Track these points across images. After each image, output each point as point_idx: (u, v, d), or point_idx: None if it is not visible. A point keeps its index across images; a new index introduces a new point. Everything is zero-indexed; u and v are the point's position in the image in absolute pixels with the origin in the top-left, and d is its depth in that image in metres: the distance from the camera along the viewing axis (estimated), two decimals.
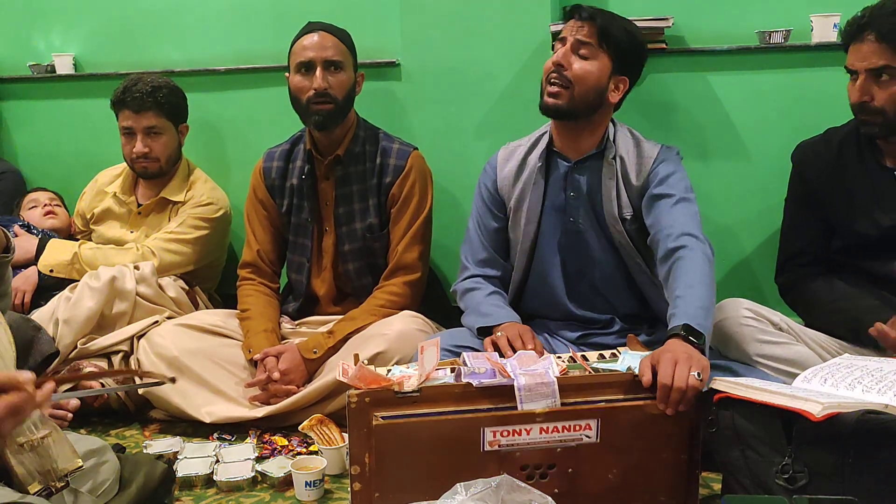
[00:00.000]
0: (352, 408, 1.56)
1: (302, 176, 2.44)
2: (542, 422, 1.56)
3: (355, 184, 2.43)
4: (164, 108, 2.65)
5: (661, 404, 1.56)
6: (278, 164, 2.50)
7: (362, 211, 2.43)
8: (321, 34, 2.36)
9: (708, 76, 2.48)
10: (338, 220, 2.44)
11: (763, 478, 1.49)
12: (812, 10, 2.35)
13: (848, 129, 2.08)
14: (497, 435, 1.56)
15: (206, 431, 2.27)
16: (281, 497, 1.92)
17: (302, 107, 2.36)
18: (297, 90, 2.36)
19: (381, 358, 2.16)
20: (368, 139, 2.45)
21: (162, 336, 2.35)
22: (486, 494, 1.31)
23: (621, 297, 2.14)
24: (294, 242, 2.51)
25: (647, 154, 2.05)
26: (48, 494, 1.50)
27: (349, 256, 2.45)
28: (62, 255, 2.59)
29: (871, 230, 1.99)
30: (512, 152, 2.18)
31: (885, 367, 1.62)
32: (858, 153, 2.04)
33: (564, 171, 2.09)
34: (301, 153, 2.47)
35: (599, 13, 2.02)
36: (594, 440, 1.59)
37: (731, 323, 1.95)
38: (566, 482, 1.59)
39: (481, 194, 2.21)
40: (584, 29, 2.00)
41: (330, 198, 2.45)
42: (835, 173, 2.06)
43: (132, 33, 3.04)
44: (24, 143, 3.24)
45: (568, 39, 2.02)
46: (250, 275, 2.54)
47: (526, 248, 2.14)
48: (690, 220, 1.93)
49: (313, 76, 2.32)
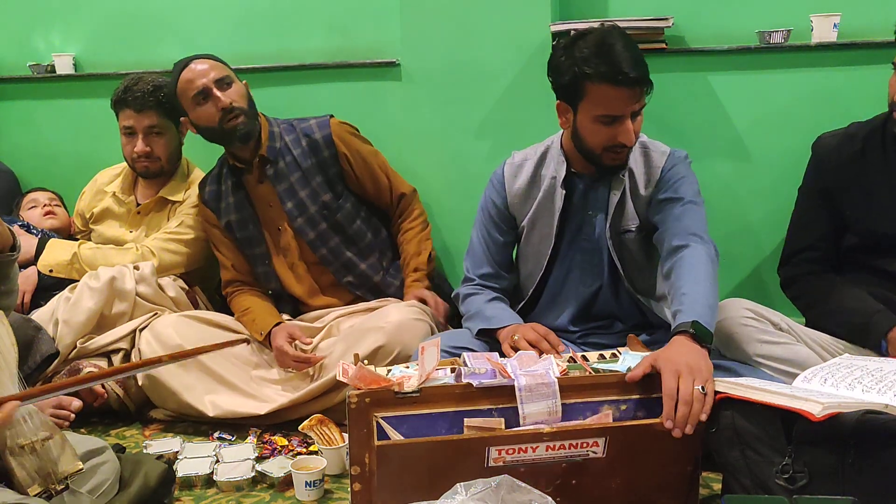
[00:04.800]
0: (352, 408, 1.55)
1: (234, 192, 2.48)
2: (549, 440, 1.54)
3: (292, 174, 2.44)
4: (166, 108, 2.65)
5: (669, 422, 1.52)
6: (210, 188, 2.54)
7: (311, 195, 2.45)
8: (198, 62, 2.40)
9: (708, 76, 2.47)
10: (290, 214, 2.45)
11: (763, 478, 1.49)
12: (812, 10, 2.35)
13: (874, 124, 2.04)
14: (502, 453, 1.55)
15: (206, 431, 2.28)
16: (281, 497, 1.92)
17: (218, 132, 2.39)
18: (207, 119, 2.38)
19: (382, 352, 2.16)
20: (285, 131, 2.48)
21: (165, 325, 2.37)
22: (486, 494, 1.31)
23: (624, 310, 2.13)
24: (252, 256, 2.53)
25: (656, 163, 2.02)
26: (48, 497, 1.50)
27: (319, 242, 2.46)
28: (62, 254, 2.59)
29: (888, 228, 1.98)
30: (520, 167, 2.12)
31: (885, 367, 1.62)
32: (883, 150, 2.01)
33: (583, 191, 2.06)
34: (228, 172, 2.50)
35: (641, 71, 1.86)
36: (601, 455, 1.57)
37: (731, 323, 1.94)
38: (569, 493, 1.58)
39: (488, 209, 2.16)
40: (638, 97, 1.88)
41: (272, 198, 2.47)
42: (856, 168, 2.03)
43: (132, 33, 3.04)
44: (24, 143, 3.24)
45: (626, 116, 1.89)
46: (237, 287, 2.58)
47: (541, 268, 2.11)
48: (697, 221, 1.93)
49: (213, 99, 2.35)
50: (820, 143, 2.12)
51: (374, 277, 2.49)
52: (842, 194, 2.06)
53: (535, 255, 2.12)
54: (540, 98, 2.35)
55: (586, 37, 1.90)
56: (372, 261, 2.50)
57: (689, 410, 1.51)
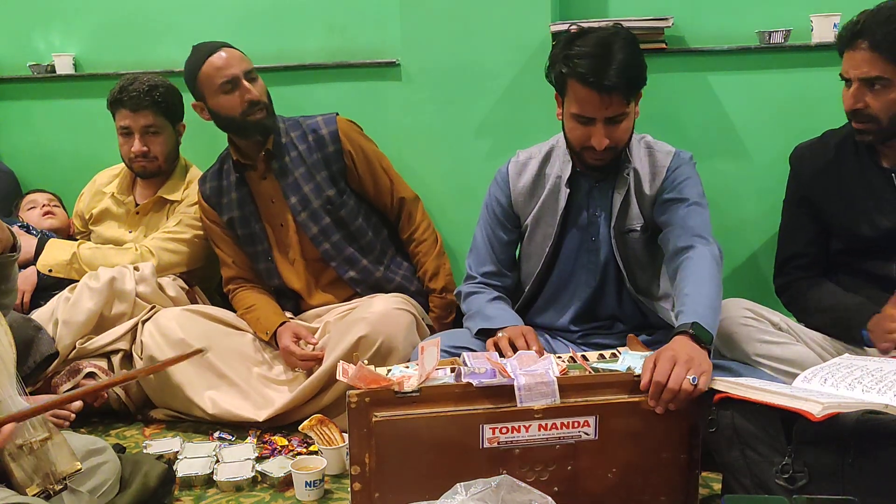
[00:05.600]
0: (352, 408, 1.56)
1: (236, 189, 2.47)
2: (541, 418, 1.56)
3: (297, 169, 2.43)
4: (162, 107, 2.65)
5: (652, 401, 1.56)
6: (211, 184, 2.53)
7: (315, 189, 2.44)
8: (227, 50, 2.37)
9: (708, 76, 2.47)
10: (293, 209, 2.45)
11: (763, 478, 1.48)
12: (812, 10, 2.35)
13: (846, 131, 2.07)
14: (496, 432, 1.56)
15: (206, 431, 2.28)
16: (281, 497, 1.92)
17: (238, 122, 2.37)
18: (229, 108, 2.35)
19: (364, 342, 2.17)
20: (290, 127, 2.47)
21: (168, 318, 2.38)
22: (486, 494, 1.31)
23: (626, 311, 2.13)
24: (254, 253, 2.53)
25: (661, 163, 2.02)
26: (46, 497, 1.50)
27: (322, 237, 2.46)
28: (61, 254, 2.59)
29: (869, 232, 1.99)
30: (524, 165, 2.12)
31: (885, 367, 1.62)
32: (856, 155, 2.03)
33: (587, 190, 2.07)
34: (231, 168, 2.48)
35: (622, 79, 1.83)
36: (593, 437, 1.59)
37: (731, 323, 1.94)
38: (566, 480, 1.60)
39: (492, 207, 2.16)
40: (611, 105, 1.86)
41: (275, 194, 2.46)
42: (832, 175, 2.06)
43: (132, 33, 3.04)
44: (24, 144, 3.24)
45: (598, 121, 1.88)
46: (239, 284, 2.57)
47: (542, 265, 2.11)
48: (701, 223, 1.93)
49: (242, 90, 2.33)
50: (795, 155, 2.16)
51: (375, 273, 2.49)
52: (821, 202, 2.08)
53: (537, 254, 2.12)
54: (540, 98, 2.35)
55: (588, 35, 1.90)
56: (373, 257, 2.50)
57: (674, 396, 1.54)
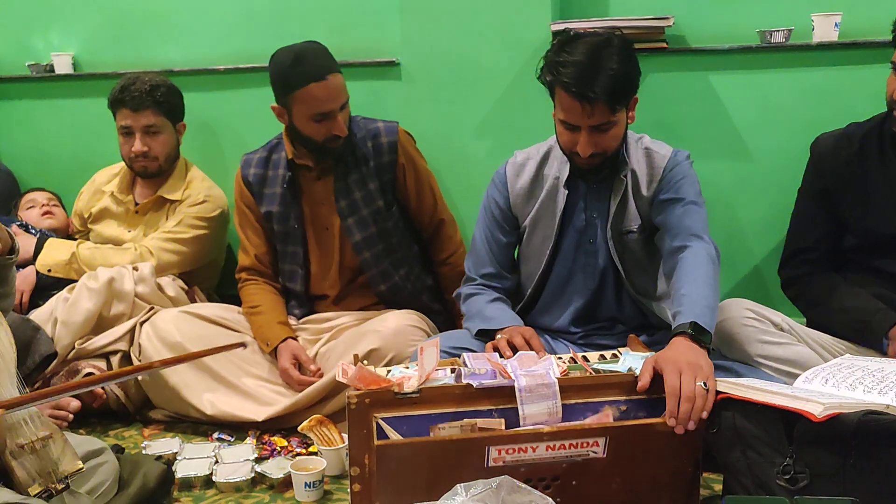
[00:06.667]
0: (351, 408, 1.55)
1: (284, 185, 2.42)
2: (549, 440, 1.54)
3: (353, 173, 2.40)
4: (163, 107, 2.64)
5: (672, 419, 1.52)
6: (256, 170, 2.48)
7: (365, 197, 2.41)
8: (332, 80, 2.25)
9: (709, 76, 2.47)
10: (341, 213, 2.40)
11: (764, 478, 1.48)
12: (813, 9, 2.35)
13: (871, 124, 2.04)
14: (502, 452, 1.54)
15: (206, 432, 2.27)
16: (280, 498, 1.91)
17: (316, 145, 2.33)
18: (314, 133, 2.30)
19: (376, 355, 2.16)
20: (353, 127, 2.41)
21: (165, 321, 2.36)
22: (486, 495, 1.31)
23: (625, 311, 2.12)
24: (284, 252, 2.49)
25: (658, 164, 2.01)
26: (48, 496, 1.50)
27: (363, 245, 2.41)
28: (60, 254, 2.59)
29: (886, 228, 1.98)
30: (522, 166, 2.11)
31: (886, 368, 1.62)
32: (880, 150, 2.01)
33: (584, 192, 2.06)
34: (282, 162, 2.43)
35: (606, 90, 1.82)
36: (601, 455, 1.57)
37: (732, 323, 1.94)
38: (569, 494, 1.58)
39: (491, 209, 2.14)
40: (594, 114, 1.85)
41: (326, 196, 2.42)
42: (853, 169, 2.03)
43: (131, 33, 3.04)
44: (23, 143, 3.24)
45: (583, 129, 1.88)
46: (252, 276, 2.52)
47: (541, 267, 2.10)
48: (698, 222, 1.92)
49: (333, 124, 2.28)
50: (818, 144, 2.12)
51: (403, 291, 2.46)
52: (840, 195, 2.05)
53: (536, 255, 2.11)
54: (540, 98, 2.33)
55: (578, 42, 1.88)
56: (403, 272, 2.47)
57: (692, 406, 1.52)
